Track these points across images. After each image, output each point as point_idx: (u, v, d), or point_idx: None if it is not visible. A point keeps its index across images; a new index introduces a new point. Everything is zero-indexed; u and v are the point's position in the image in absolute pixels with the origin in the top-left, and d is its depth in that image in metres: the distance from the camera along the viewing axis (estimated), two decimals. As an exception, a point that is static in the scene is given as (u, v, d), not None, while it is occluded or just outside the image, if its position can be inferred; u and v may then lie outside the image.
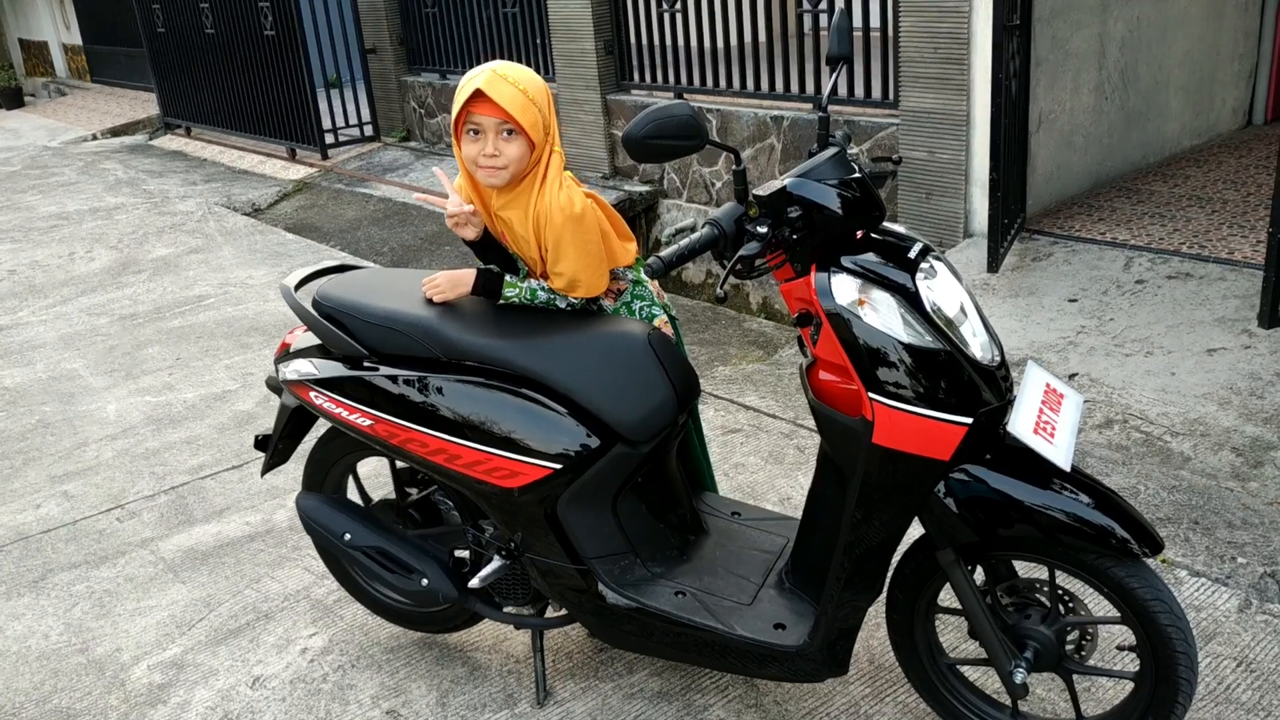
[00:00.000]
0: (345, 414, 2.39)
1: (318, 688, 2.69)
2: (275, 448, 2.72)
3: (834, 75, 2.13)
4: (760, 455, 3.62)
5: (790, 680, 2.23)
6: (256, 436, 2.79)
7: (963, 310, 1.97)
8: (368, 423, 2.36)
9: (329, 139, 9.30)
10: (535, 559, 2.32)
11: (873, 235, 1.99)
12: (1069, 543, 1.90)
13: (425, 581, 2.49)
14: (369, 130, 9.53)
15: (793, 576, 2.27)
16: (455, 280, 2.35)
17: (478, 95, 2.18)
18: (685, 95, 6.50)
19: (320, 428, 2.69)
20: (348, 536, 2.57)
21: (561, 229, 2.23)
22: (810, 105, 5.68)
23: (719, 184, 6.22)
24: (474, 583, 2.37)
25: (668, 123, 1.79)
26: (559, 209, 2.23)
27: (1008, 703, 2.22)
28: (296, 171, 9.20)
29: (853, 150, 2.04)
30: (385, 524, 2.61)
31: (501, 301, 2.33)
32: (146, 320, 5.69)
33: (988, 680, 2.39)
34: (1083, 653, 2.10)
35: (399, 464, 2.64)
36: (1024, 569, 2.20)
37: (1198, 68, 5.95)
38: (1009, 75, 4.35)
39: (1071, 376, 3.76)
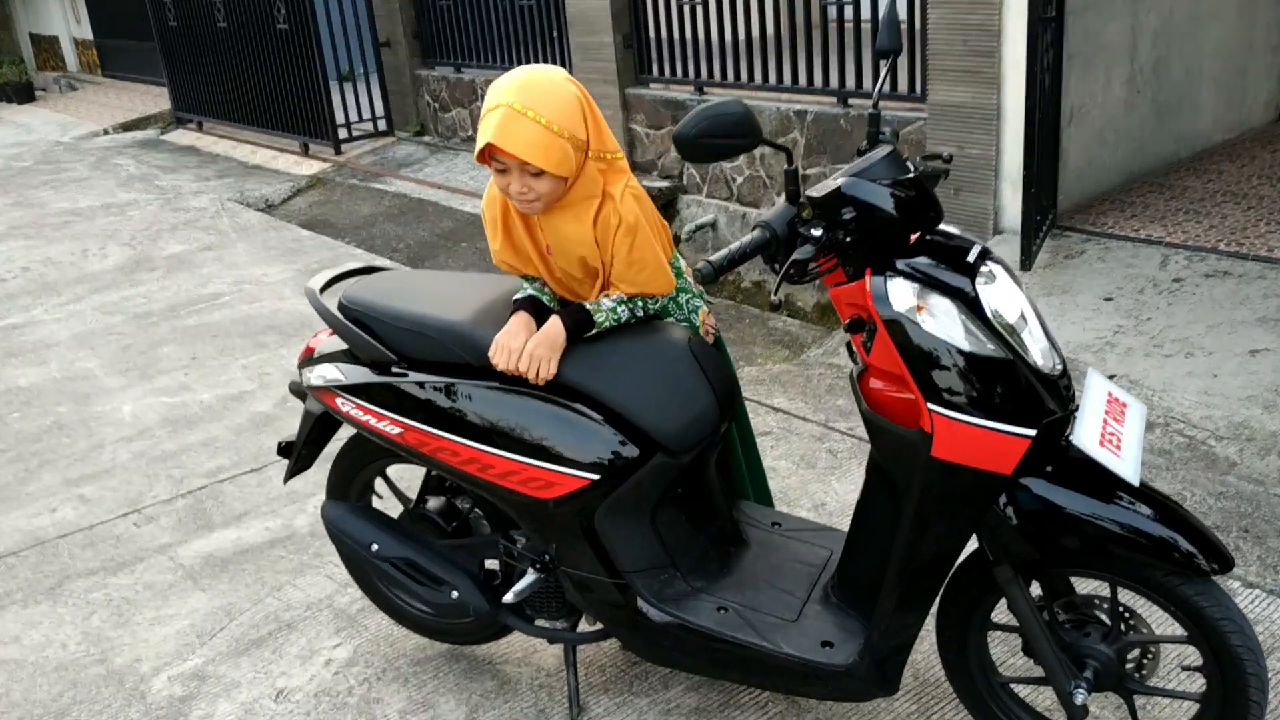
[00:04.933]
0: (373, 421, 2.31)
1: (343, 701, 2.61)
2: (299, 454, 2.65)
3: (886, 70, 2.04)
4: (792, 459, 3.53)
5: (836, 699, 2.15)
6: (280, 443, 2.72)
7: (1023, 316, 1.88)
8: (397, 430, 2.28)
9: (342, 134, 9.22)
10: (571, 572, 2.24)
11: (927, 237, 1.90)
12: (1138, 560, 1.82)
13: (455, 594, 2.41)
14: (383, 125, 9.46)
15: (839, 591, 2.18)
16: (552, 342, 2.11)
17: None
18: (706, 89, 6.41)
19: (345, 433, 2.61)
20: (375, 547, 2.49)
21: (635, 231, 2.12)
22: (834, 99, 5.57)
23: (740, 179, 6.12)
24: (508, 598, 2.29)
25: (721, 120, 1.70)
26: (634, 216, 2.12)
27: (1063, 722, 2.14)
28: (310, 167, 9.12)
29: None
30: (413, 534, 2.53)
31: (594, 331, 2.15)
32: (161, 319, 5.62)
33: (1039, 698, 2.30)
34: (1144, 672, 2.02)
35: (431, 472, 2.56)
36: (1080, 584, 2.11)
37: (1230, 60, 5.83)
38: (1043, 68, 4.25)
39: (1110, 378, 3.66)
